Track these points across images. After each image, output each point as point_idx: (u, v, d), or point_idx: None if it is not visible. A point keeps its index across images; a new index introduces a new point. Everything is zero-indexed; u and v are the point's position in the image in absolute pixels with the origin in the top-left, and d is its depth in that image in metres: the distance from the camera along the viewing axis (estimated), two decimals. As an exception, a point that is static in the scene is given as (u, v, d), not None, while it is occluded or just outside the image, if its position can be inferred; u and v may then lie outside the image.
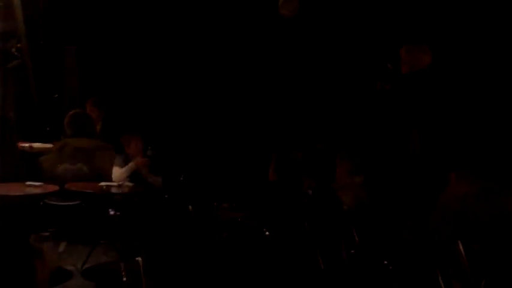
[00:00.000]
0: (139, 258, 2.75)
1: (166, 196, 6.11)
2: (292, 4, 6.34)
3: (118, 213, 5.83)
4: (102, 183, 5.84)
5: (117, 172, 5.93)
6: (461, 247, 1.22)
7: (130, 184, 5.83)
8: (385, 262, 4.36)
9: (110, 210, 5.92)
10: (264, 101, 7.29)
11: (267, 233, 3.72)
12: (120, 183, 5.79)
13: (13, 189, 5.65)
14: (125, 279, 4.70)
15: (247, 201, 4.47)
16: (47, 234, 6.78)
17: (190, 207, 5.83)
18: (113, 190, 5.77)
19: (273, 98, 7.29)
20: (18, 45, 6.87)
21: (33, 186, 5.60)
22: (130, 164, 5.91)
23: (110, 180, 5.91)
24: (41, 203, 6.27)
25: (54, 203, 6.37)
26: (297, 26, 6.85)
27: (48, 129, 6.86)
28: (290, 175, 5.43)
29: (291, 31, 6.96)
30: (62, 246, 6.48)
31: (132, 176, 5.93)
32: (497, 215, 1.25)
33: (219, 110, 7.33)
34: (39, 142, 6.81)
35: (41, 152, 6.72)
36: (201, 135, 7.28)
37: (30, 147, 6.73)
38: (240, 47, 7.26)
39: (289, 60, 7.27)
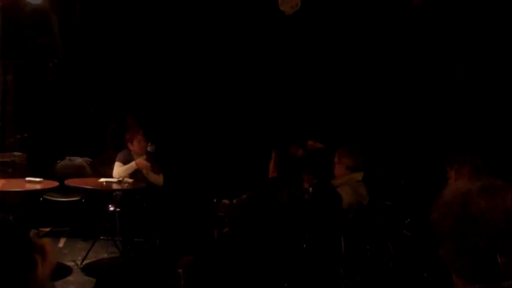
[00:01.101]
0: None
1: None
2: (292, 0, 6.33)
3: (118, 209, 5.85)
4: (102, 179, 5.85)
5: (118, 169, 5.93)
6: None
7: (130, 180, 5.82)
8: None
9: (109, 206, 5.93)
10: (265, 98, 7.29)
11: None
12: (120, 179, 5.79)
13: (13, 185, 5.66)
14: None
15: (248, 197, 4.47)
16: (47, 229, 6.81)
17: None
18: (113, 186, 5.78)
19: (273, 94, 7.28)
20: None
21: (33, 182, 5.61)
22: (132, 163, 5.90)
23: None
24: (41, 199, 6.29)
25: (54, 198, 6.40)
26: (298, 23, 6.84)
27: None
28: (290, 171, 5.42)
29: (291, 28, 6.94)
30: (61, 242, 6.50)
31: (132, 174, 5.93)
32: (502, 211, 1.25)
33: (219, 107, 7.32)
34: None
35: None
36: (202, 132, 7.27)
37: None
38: (240, 43, 7.24)
39: (289, 57, 7.26)
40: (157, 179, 6.07)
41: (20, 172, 6.08)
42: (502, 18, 5.85)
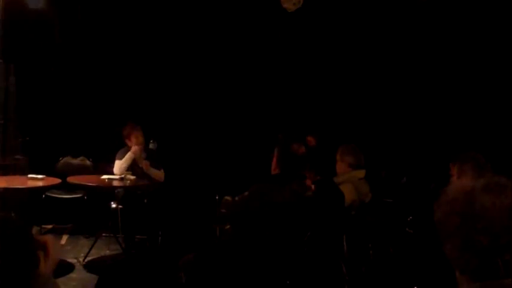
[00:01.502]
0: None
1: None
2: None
3: (120, 206, 5.85)
4: (104, 176, 5.85)
5: (117, 164, 5.94)
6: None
7: (132, 177, 5.82)
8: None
9: (112, 203, 5.94)
10: (267, 95, 7.28)
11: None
12: (122, 176, 5.79)
13: (16, 182, 5.67)
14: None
15: (250, 194, 4.46)
16: (50, 226, 6.82)
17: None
18: (115, 183, 5.78)
19: (276, 91, 7.27)
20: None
21: (36, 179, 5.61)
22: (129, 153, 5.90)
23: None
24: (44, 196, 6.30)
25: (57, 195, 6.40)
26: (300, 20, 6.82)
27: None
28: (292, 168, 5.42)
29: (293, 25, 6.93)
30: (64, 239, 6.51)
31: (133, 171, 5.93)
32: (506, 208, 1.25)
33: (221, 104, 7.31)
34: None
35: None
36: (203, 128, 7.27)
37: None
38: (242, 41, 7.23)
39: (292, 54, 7.25)
40: (158, 174, 6.07)
41: (21, 175, 6.09)
42: (503, 18, 5.84)
